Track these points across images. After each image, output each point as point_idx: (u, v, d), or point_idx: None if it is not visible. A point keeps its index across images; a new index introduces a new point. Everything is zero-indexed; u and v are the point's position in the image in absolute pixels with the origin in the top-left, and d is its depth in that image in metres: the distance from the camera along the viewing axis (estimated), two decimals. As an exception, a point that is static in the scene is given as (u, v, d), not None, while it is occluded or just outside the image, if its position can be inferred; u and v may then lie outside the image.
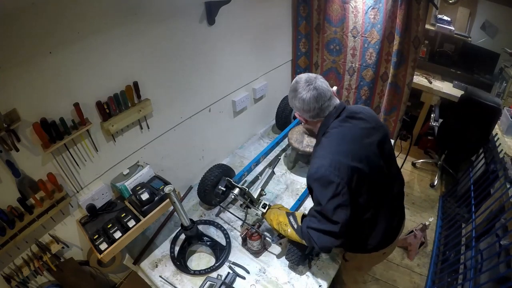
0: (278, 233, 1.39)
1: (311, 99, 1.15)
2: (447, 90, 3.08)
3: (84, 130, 1.27)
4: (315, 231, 1.16)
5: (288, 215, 1.34)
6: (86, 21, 1.16)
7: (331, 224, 1.11)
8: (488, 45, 3.11)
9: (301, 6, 2.30)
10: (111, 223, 1.39)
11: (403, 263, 2.36)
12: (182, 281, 1.43)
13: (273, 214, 1.42)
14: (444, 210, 2.72)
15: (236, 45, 1.93)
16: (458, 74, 3.25)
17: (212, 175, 1.69)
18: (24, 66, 1.05)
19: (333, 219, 1.10)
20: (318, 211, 1.14)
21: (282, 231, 1.34)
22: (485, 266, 1.75)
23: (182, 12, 1.51)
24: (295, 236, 1.28)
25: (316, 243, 1.16)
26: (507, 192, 1.86)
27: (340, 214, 1.09)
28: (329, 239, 1.14)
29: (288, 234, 1.31)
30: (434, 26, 3.19)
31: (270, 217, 1.41)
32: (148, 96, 1.49)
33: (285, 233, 1.33)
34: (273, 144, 2.05)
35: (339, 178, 1.06)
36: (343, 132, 1.15)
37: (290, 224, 1.30)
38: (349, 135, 1.15)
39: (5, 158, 1.10)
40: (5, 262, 1.24)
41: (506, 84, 2.80)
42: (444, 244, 2.34)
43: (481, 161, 2.51)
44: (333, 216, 1.09)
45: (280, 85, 2.57)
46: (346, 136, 1.14)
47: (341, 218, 1.09)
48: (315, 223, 1.16)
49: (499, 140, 2.32)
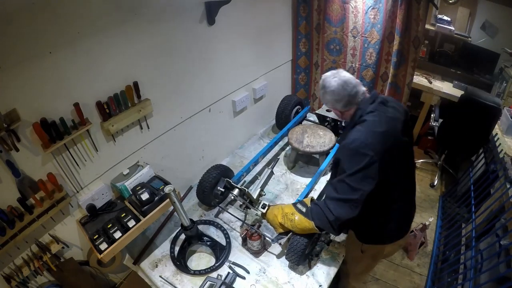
0: (282, 229, 1.37)
1: (339, 87, 1.22)
2: (447, 90, 3.08)
3: (84, 130, 1.27)
4: (334, 201, 1.19)
5: (294, 204, 1.36)
6: (86, 21, 1.16)
7: (353, 192, 1.14)
8: (488, 45, 3.10)
9: (301, 6, 2.31)
10: (111, 223, 1.39)
11: (403, 263, 2.36)
12: (182, 281, 1.43)
13: (276, 208, 1.40)
14: (444, 210, 2.72)
15: (236, 45, 1.93)
16: (458, 74, 3.25)
17: (210, 176, 1.69)
18: (24, 66, 1.05)
19: (357, 187, 1.14)
20: (342, 180, 1.16)
21: (288, 222, 1.32)
22: (485, 266, 1.75)
23: (182, 12, 1.51)
24: (303, 223, 1.27)
25: (333, 213, 1.18)
26: (507, 192, 1.86)
27: (365, 184, 1.13)
28: (347, 209, 1.16)
29: (295, 223, 1.30)
30: (434, 26, 3.19)
31: (274, 212, 1.39)
32: (148, 96, 1.49)
33: (291, 224, 1.31)
34: (271, 144, 2.05)
35: (372, 152, 1.11)
36: (380, 116, 1.20)
37: (298, 211, 1.31)
38: (383, 119, 1.20)
39: (5, 158, 1.10)
40: (5, 262, 1.25)
41: (506, 84, 2.80)
42: (444, 244, 2.34)
43: (481, 161, 2.51)
44: (359, 184, 1.13)
45: (280, 85, 2.57)
46: (382, 120, 1.19)
47: (365, 188, 1.13)
48: (336, 193, 1.19)
49: (499, 140, 2.31)
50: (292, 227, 1.32)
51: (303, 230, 1.30)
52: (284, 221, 1.34)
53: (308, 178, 1.97)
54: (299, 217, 1.29)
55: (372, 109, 1.22)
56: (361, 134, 1.15)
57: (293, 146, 1.94)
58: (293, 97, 2.35)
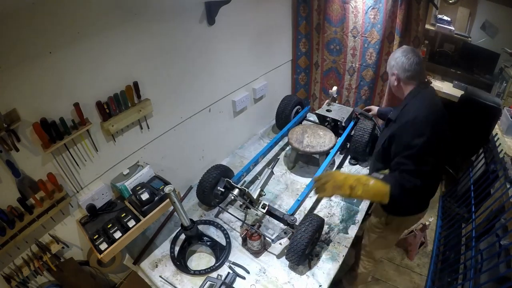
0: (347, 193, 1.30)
1: (415, 61, 1.37)
2: (447, 90, 3.08)
3: (84, 130, 1.27)
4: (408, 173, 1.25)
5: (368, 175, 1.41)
6: (86, 21, 1.16)
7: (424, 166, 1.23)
8: (488, 45, 3.10)
9: (301, 6, 2.31)
10: (111, 223, 1.39)
11: (403, 263, 2.36)
12: (182, 281, 1.43)
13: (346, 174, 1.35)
14: (444, 210, 2.72)
15: (236, 45, 1.93)
16: (458, 74, 3.24)
17: (210, 177, 1.69)
18: (24, 66, 1.05)
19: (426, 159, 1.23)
20: (409, 156, 1.25)
21: (360, 186, 1.28)
22: (485, 266, 1.75)
23: (182, 12, 1.51)
24: (379, 186, 1.28)
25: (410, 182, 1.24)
26: (507, 192, 1.86)
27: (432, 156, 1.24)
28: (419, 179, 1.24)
29: (369, 187, 1.28)
30: (434, 26, 3.19)
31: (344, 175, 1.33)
32: (148, 96, 1.49)
33: (363, 188, 1.28)
34: (271, 144, 2.05)
35: (433, 129, 1.24)
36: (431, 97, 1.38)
37: (374, 177, 1.32)
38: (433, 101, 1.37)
39: (5, 158, 1.10)
40: (5, 262, 1.24)
41: (506, 84, 2.80)
42: (444, 244, 2.34)
43: (481, 161, 2.51)
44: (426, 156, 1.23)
45: (280, 85, 2.57)
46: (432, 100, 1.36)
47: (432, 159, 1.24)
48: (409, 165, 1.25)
49: (499, 140, 2.31)
50: (362, 192, 1.28)
51: (375, 195, 1.30)
52: (355, 184, 1.29)
53: (308, 178, 1.97)
54: (374, 181, 1.29)
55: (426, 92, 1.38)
56: (420, 111, 1.28)
57: (293, 146, 1.93)
58: (293, 97, 2.35)
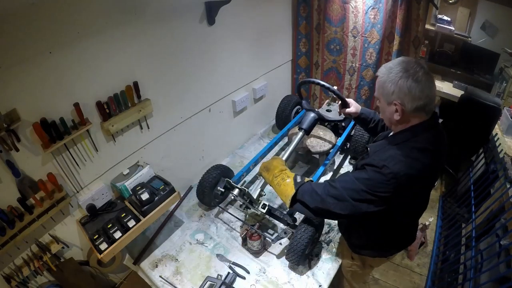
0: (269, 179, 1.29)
1: (427, 85, 0.94)
2: (447, 90, 3.07)
3: (84, 130, 1.27)
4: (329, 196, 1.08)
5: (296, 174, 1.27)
6: (86, 21, 1.16)
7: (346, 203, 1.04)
8: (488, 45, 3.10)
9: (301, 6, 2.30)
10: (111, 223, 1.39)
11: (403, 263, 2.35)
12: (182, 281, 1.43)
13: (281, 164, 1.33)
14: (444, 210, 2.71)
15: (236, 45, 1.92)
16: (458, 74, 3.24)
17: (210, 176, 1.69)
18: (24, 66, 1.05)
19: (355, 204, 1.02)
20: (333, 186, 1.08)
21: (280, 180, 1.25)
22: (485, 266, 1.74)
23: (182, 12, 1.51)
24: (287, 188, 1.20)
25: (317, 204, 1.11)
26: (507, 192, 1.86)
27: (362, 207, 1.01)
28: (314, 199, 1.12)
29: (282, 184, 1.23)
30: (434, 26, 3.19)
31: (273, 163, 1.32)
32: (148, 96, 1.49)
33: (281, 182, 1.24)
34: (271, 144, 2.05)
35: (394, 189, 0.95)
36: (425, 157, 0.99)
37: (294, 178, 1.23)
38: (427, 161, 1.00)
39: (5, 158, 1.10)
40: (5, 262, 1.24)
41: (506, 84, 2.80)
42: (444, 244, 2.34)
43: (481, 161, 2.51)
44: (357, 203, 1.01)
45: (280, 85, 2.57)
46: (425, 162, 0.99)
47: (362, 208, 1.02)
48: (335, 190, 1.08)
49: (499, 140, 2.31)
50: (276, 185, 1.26)
51: (281, 193, 1.24)
52: (278, 174, 1.27)
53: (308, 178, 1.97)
54: (290, 181, 1.22)
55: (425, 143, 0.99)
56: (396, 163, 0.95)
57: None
58: (293, 97, 2.35)
